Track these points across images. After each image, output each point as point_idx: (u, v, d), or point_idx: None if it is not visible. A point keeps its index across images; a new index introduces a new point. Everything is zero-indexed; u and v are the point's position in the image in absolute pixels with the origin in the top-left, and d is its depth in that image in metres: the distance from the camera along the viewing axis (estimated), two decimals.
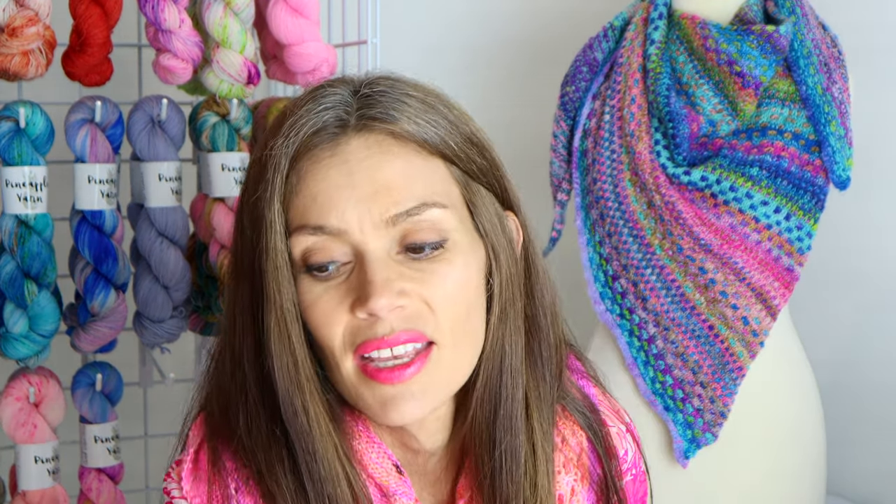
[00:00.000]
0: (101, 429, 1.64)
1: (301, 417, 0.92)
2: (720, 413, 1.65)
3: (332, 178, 0.91)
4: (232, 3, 1.56)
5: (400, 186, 0.91)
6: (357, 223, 0.90)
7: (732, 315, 1.63)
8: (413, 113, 0.93)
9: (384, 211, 0.90)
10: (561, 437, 1.03)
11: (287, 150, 0.92)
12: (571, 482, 1.02)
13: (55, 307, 1.52)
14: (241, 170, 1.62)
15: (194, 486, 0.96)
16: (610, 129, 1.68)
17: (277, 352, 0.92)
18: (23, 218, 1.49)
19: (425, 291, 0.91)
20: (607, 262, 1.69)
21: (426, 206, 0.91)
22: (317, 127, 0.92)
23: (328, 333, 0.91)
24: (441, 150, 0.93)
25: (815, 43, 1.65)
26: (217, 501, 0.95)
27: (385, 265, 0.90)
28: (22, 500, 1.59)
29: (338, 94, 0.94)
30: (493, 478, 0.97)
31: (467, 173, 0.95)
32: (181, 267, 1.60)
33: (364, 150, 0.91)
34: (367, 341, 0.90)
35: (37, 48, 1.44)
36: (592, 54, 1.75)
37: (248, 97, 1.65)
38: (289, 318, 0.92)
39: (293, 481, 0.94)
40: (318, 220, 0.91)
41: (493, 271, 0.96)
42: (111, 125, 1.56)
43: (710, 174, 1.60)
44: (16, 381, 1.57)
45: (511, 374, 0.97)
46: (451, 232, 0.93)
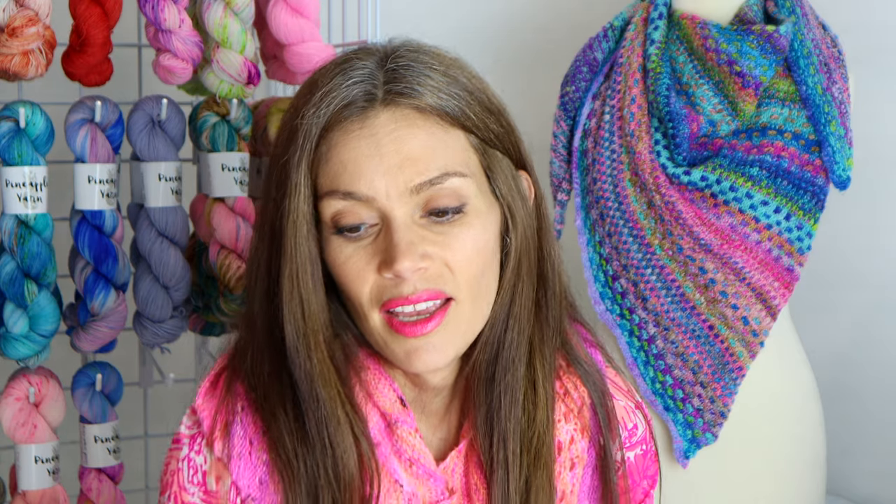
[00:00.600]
0: (101, 429, 1.64)
1: (306, 363, 1.01)
2: (720, 413, 1.65)
3: (362, 148, 0.98)
4: (232, 3, 1.56)
5: (424, 157, 0.98)
6: (384, 190, 0.98)
7: (732, 315, 1.63)
8: (436, 87, 1.00)
9: (409, 180, 0.98)
10: (563, 389, 1.10)
11: (318, 120, 0.99)
12: (571, 431, 1.10)
13: (55, 307, 1.52)
14: (241, 170, 1.62)
15: (206, 402, 1.07)
16: (610, 129, 1.68)
17: (287, 303, 1.01)
18: (23, 218, 1.49)
19: (446, 254, 0.99)
20: (607, 262, 1.69)
21: (447, 175, 0.99)
22: (347, 101, 0.99)
23: (357, 290, 1.00)
24: (461, 121, 1.01)
25: (815, 43, 1.65)
26: (223, 416, 1.05)
27: (409, 229, 0.98)
28: (22, 500, 1.59)
29: (366, 67, 1.01)
30: (490, 414, 1.05)
31: (484, 141, 1.03)
32: (181, 267, 1.60)
33: (391, 123, 0.99)
34: (392, 299, 0.99)
35: (37, 48, 1.44)
36: (592, 54, 1.75)
37: (248, 97, 1.65)
38: (301, 273, 1.00)
39: (293, 419, 1.02)
40: (348, 187, 0.98)
41: (509, 229, 1.04)
42: (111, 125, 1.56)
43: (710, 174, 1.60)
44: (16, 381, 1.57)
45: (518, 321, 1.05)
46: (469, 198, 1.01)
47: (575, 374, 1.12)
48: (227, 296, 1.62)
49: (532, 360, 1.07)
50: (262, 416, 1.04)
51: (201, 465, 1.05)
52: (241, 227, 1.62)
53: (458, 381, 1.09)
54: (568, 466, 1.09)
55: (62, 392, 1.61)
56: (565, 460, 1.09)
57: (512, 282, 1.05)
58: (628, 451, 1.15)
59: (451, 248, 0.99)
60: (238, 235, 1.61)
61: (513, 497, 1.05)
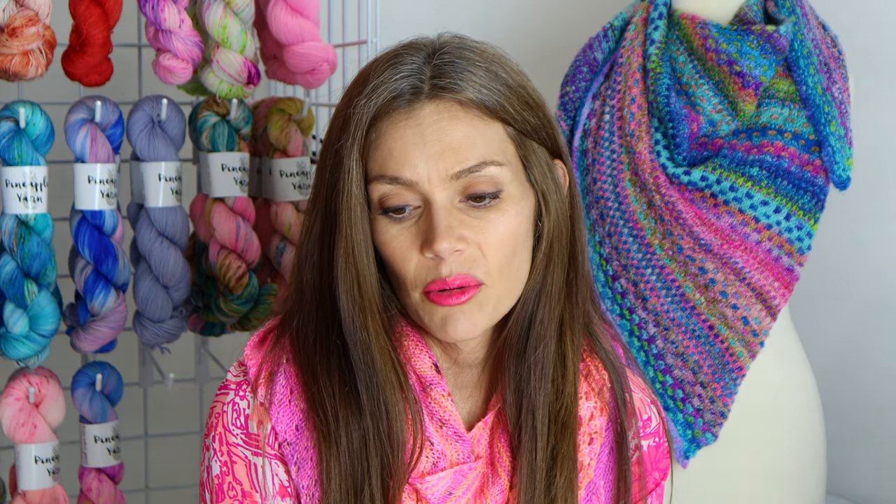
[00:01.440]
0: (101, 429, 1.64)
1: (362, 333, 1.09)
2: (720, 413, 1.65)
3: (408, 137, 1.07)
4: (232, 3, 1.56)
5: (464, 147, 1.06)
6: (426, 176, 1.06)
7: (732, 315, 1.63)
8: (478, 82, 1.08)
9: (450, 168, 1.06)
10: (587, 369, 1.19)
11: (369, 110, 1.07)
12: (591, 408, 1.18)
13: (55, 307, 1.52)
14: (241, 170, 1.62)
15: (254, 351, 1.14)
16: (610, 129, 1.68)
17: (343, 277, 1.08)
18: (23, 218, 1.49)
19: (479, 237, 1.07)
20: (607, 262, 1.69)
21: (485, 164, 1.07)
22: (395, 94, 1.07)
23: (402, 267, 1.08)
24: (500, 114, 1.09)
25: (815, 43, 1.65)
26: (268, 365, 1.13)
27: (448, 213, 1.06)
28: (22, 500, 1.59)
29: (414, 62, 1.09)
30: (520, 386, 1.13)
31: (521, 132, 1.10)
32: (181, 267, 1.60)
33: (435, 115, 1.07)
34: (432, 281, 1.07)
35: (37, 48, 1.44)
36: (592, 54, 1.75)
37: (248, 97, 1.65)
38: (357, 250, 1.08)
39: (337, 384, 1.10)
40: (394, 172, 1.06)
41: (542, 214, 1.12)
42: (111, 125, 1.56)
43: (710, 174, 1.60)
44: (16, 381, 1.57)
45: (549, 299, 1.13)
46: (505, 185, 1.08)
47: (597, 357, 1.19)
48: (227, 296, 1.62)
49: (563, 336, 1.15)
50: (303, 376, 1.12)
51: (244, 409, 1.12)
52: (241, 227, 1.62)
53: (489, 358, 1.16)
54: (587, 441, 1.17)
55: (62, 392, 1.61)
56: (584, 434, 1.17)
57: (544, 263, 1.12)
58: (643, 441, 1.21)
59: (485, 231, 1.07)
60: (238, 235, 1.61)
61: (539, 465, 1.13)
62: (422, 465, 1.12)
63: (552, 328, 1.14)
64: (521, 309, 1.13)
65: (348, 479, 1.09)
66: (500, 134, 1.09)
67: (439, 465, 1.12)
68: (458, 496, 1.12)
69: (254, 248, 1.63)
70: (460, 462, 1.13)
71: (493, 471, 1.14)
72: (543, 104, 1.13)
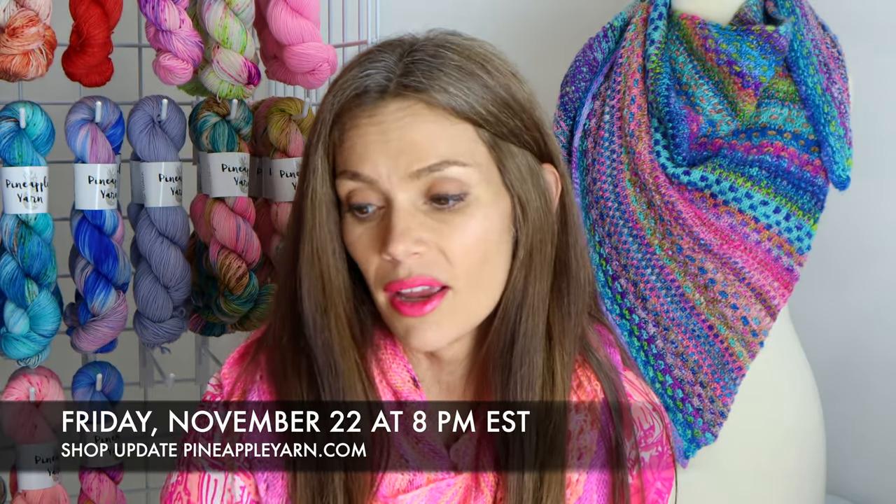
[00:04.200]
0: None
1: (325, 336, 1.07)
2: (720, 413, 1.65)
3: (370, 134, 1.04)
4: (232, 3, 1.56)
5: (425, 145, 1.03)
6: (386, 174, 1.03)
7: (732, 315, 1.63)
8: (447, 82, 1.04)
9: (409, 165, 1.02)
10: (577, 381, 1.13)
11: (333, 107, 1.06)
12: (581, 422, 1.12)
13: (55, 307, 1.52)
14: (241, 170, 1.62)
15: (231, 369, 1.14)
16: (610, 129, 1.68)
17: (307, 278, 1.07)
18: (23, 218, 1.50)
19: (442, 241, 1.03)
20: (607, 262, 1.69)
21: (447, 163, 1.03)
22: (359, 91, 1.05)
23: (365, 269, 1.06)
24: (469, 115, 1.04)
25: (814, 43, 1.65)
26: (242, 383, 1.12)
27: (408, 214, 1.03)
28: (22, 500, 1.59)
29: (385, 60, 1.07)
30: (506, 400, 1.08)
31: (497, 135, 1.06)
32: (181, 267, 1.60)
33: (398, 112, 1.04)
34: (391, 282, 1.04)
35: (37, 48, 1.45)
36: (592, 54, 1.75)
37: (249, 97, 1.65)
38: (320, 248, 1.06)
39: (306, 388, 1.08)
40: (355, 168, 1.04)
41: (518, 221, 1.07)
42: (111, 125, 1.56)
43: (709, 174, 1.60)
44: (16, 381, 1.57)
45: (531, 312, 1.08)
46: (471, 187, 1.04)
47: (589, 367, 1.14)
48: (227, 296, 1.62)
49: (552, 350, 1.10)
50: (276, 382, 1.11)
51: (214, 423, 1.12)
52: (242, 227, 1.62)
53: (473, 367, 1.13)
54: (576, 456, 1.12)
55: (62, 392, 1.61)
56: (573, 449, 1.12)
57: (523, 273, 1.07)
58: (643, 451, 1.16)
59: (447, 236, 1.03)
60: (238, 235, 1.61)
61: (526, 484, 1.08)
62: (397, 483, 1.09)
63: (537, 341, 1.08)
64: (500, 322, 1.08)
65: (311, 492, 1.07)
66: (470, 134, 1.05)
67: (415, 483, 1.09)
68: None
69: (254, 248, 1.63)
70: (437, 479, 1.09)
71: (476, 485, 1.10)
72: (531, 107, 1.08)
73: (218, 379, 1.15)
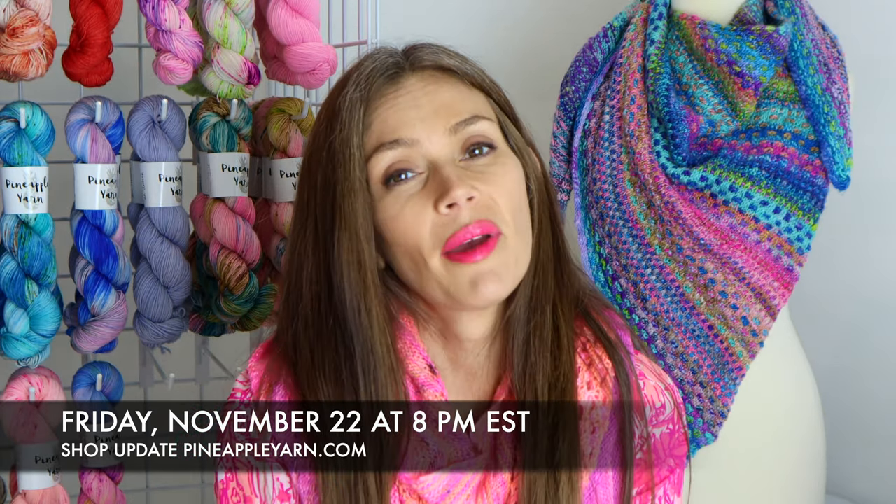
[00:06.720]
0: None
1: (364, 317, 1.11)
2: (720, 413, 1.65)
3: (401, 104, 1.11)
4: (232, 3, 1.56)
5: (455, 103, 1.12)
6: (426, 134, 1.10)
7: (732, 315, 1.63)
8: (450, 58, 1.15)
9: (446, 122, 1.10)
10: (589, 359, 1.19)
11: (360, 94, 1.12)
12: (593, 397, 1.18)
13: (55, 307, 1.52)
14: (241, 170, 1.62)
15: (258, 363, 1.19)
16: (610, 129, 1.68)
17: (347, 264, 1.10)
18: (23, 218, 1.50)
19: (489, 187, 1.09)
20: (607, 262, 1.69)
21: (478, 117, 1.12)
22: (380, 71, 1.13)
23: (416, 234, 1.09)
24: (479, 83, 1.16)
25: (814, 43, 1.65)
26: (269, 377, 1.17)
27: (455, 166, 1.09)
28: (22, 499, 1.59)
29: (389, 52, 1.16)
30: (524, 353, 1.15)
31: (499, 105, 1.17)
32: (181, 267, 1.60)
33: (421, 82, 1.13)
34: (452, 235, 1.08)
35: (37, 48, 1.45)
36: (592, 54, 1.75)
37: (249, 97, 1.65)
38: (361, 236, 1.10)
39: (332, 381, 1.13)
40: (392, 136, 1.10)
41: (528, 181, 1.15)
42: (111, 125, 1.56)
43: (709, 174, 1.61)
44: (16, 381, 1.57)
45: (543, 268, 1.16)
46: (498, 141, 1.13)
47: (601, 346, 1.20)
48: (227, 296, 1.62)
49: (554, 308, 1.17)
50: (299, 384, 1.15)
51: (248, 419, 1.17)
52: (242, 227, 1.62)
53: (493, 342, 1.18)
54: (589, 430, 1.17)
55: (62, 392, 1.61)
56: (586, 423, 1.17)
57: (537, 229, 1.15)
58: (655, 428, 1.21)
59: (491, 182, 1.09)
60: (238, 235, 1.61)
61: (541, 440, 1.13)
62: (418, 465, 1.13)
63: (548, 296, 1.16)
64: (525, 279, 1.14)
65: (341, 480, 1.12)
66: (484, 99, 1.15)
67: (436, 465, 1.13)
68: (457, 493, 1.13)
69: (254, 248, 1.63)
70: (458, 459, 1.13)
71: (495, 464, 1.15)
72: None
73: (245, 377, 1.19)
